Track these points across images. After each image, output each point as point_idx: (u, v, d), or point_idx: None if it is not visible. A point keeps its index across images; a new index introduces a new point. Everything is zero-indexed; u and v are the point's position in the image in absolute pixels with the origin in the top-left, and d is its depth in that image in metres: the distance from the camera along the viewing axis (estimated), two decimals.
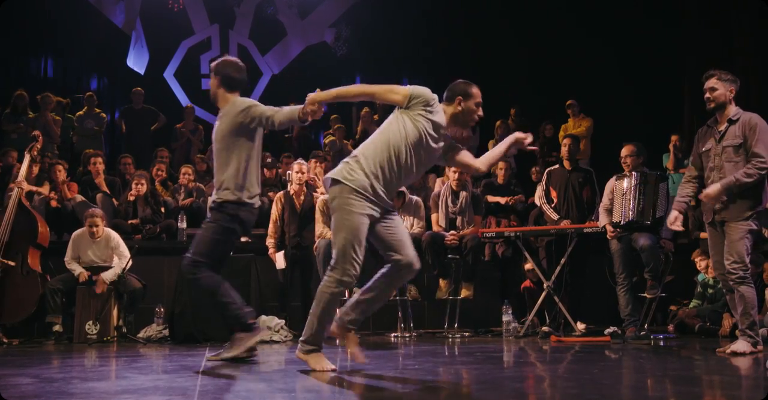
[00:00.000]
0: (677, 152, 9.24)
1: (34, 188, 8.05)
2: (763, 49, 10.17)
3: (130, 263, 6.84)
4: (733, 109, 4.93)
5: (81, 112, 10.66)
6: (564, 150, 7.14)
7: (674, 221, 4.98)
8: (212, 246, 4.47)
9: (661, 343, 6.00)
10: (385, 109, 11.94)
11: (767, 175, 4.80)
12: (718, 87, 4.91)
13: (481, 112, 4.04)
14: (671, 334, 6.68)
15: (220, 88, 4.62)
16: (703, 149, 5.04)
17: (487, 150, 11.14)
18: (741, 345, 4.72)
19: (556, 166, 7.22)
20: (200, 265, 4.40)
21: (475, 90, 4.03)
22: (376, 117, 11.18)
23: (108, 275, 6.76)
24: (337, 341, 4.08)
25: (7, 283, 6.79)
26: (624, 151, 6.49)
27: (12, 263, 6.80)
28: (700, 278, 6.97)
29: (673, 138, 9.29)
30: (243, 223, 4.53)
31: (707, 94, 4.94)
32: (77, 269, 6.86)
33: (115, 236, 7.06)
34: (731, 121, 4.90)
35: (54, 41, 12.62)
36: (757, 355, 4.61)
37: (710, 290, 6.83)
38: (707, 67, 5.13)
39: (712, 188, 4.79)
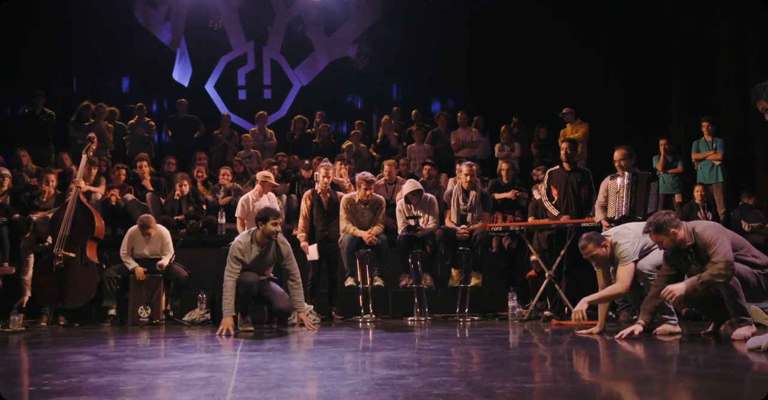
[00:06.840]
0: (667, 155, 9.17)
1: (92, 188, 8.12)
2: (743, 47, 9.92)
3: (174, 257, 7.00)
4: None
5: (133, 121, 10.76)
6: (563, 153, 7.10)
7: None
8: None
9: None
10: (402, 117, 11.94)
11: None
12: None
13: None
14: None
15: None
16: None
17: (494, 154, 11.00)
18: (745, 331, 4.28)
19: (557, 167, 7.18)
20: None
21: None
22: (393, 122, 11.30)
23: (164, 263, 6.94)
24: None
25: (68, 273, 6.86)
26: (617, 155, 6.46)
27: (72, 255, 6.89)
28: None
29: (662, 141, 9.21)
30: None
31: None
32: (132, 264, 6.98)
33: (166, 233, 7.21)
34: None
35: (110, 59, 12.72)
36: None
37: None
38: (693, 72, 4.91)
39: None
